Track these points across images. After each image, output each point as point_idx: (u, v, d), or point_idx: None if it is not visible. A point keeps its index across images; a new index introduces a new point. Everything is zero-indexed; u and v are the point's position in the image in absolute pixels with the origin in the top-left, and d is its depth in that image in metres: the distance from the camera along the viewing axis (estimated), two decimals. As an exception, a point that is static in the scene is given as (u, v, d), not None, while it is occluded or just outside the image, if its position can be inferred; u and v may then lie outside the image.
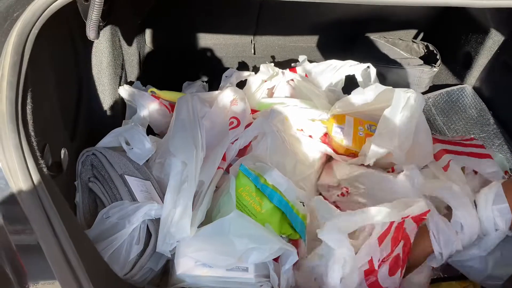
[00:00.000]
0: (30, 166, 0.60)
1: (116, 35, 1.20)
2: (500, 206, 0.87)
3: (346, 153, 1.19)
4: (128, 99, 1.24)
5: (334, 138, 1.17)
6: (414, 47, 1.69)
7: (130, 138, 1.05)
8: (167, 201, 0.91)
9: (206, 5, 1.49)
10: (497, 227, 0.88)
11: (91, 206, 0.97)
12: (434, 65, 1.58)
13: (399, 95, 1.08)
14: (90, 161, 0.98)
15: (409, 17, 1.68)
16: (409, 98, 1.07)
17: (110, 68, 1.16)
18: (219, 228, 0.86)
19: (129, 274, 0.86)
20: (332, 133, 1.17)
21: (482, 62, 1.54)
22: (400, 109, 1.07)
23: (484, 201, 0.89)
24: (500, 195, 0.88)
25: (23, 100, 0.62)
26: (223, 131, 1.10)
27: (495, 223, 0.88)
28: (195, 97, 1.11)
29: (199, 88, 1.47)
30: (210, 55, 1.70)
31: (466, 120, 1.51)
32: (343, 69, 1.37)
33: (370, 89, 1.13)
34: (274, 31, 1.68)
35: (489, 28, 1.47)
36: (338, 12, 1.58)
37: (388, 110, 1.08)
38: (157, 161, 1.08)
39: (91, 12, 0.66)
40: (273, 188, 0.96)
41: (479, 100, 1.55)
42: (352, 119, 1.21)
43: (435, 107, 1.56)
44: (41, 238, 0.62)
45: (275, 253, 0.86)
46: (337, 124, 1.19)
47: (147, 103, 1.22)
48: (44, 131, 0.72)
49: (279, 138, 1.12)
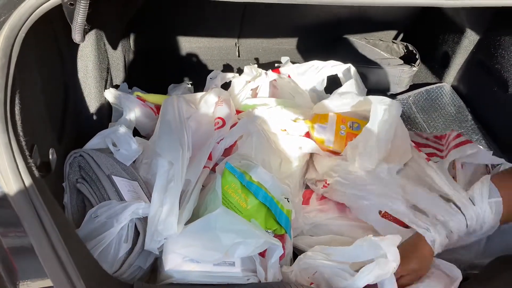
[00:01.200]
0: (20, 165, 0.62)
1: (101, 39, 1.22)
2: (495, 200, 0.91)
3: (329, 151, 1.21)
4: (114, 102, 1.25)
5: (316, 139, 1.19)
6: (394, 47, 1.74)
7: (117, 139, 1.07)
8: (154, 200, 0.92)
9: (190, 9, 1.51)
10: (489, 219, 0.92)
11: (80, 207, 0.98)
12: (413, 64, 1.63)
13: (376, 109, 1.09)
14: (77, 162, 1.00)
15: (389, 18, 1.73)
16: (385, 110, 1.08)
17: (95, 71, 1.18)
18: (205, 224, 0.88)
19: (118, 272, 0.88)
20: (314, 133, 1.20)
21: (459, 61, 1.59)
22: (378, 123, 1.08)
23: (480, 196, 0.93)
24: (494, 190, 0.92)
25: (11, 101, 0.63)
26: (209, 131, 1.12)
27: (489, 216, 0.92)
28: (180, 99, 1.13)
29: (185, 90, 1.49)
30: (195, 58, 1.72)
31: (445, 117, 1.56)
32: (325, 69, 1.41)
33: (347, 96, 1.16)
34: (258, 34, 1.71)
35: (464, 28, 1.52)
36: (320, 14, 1.61)
37: (367, 126, 1.09)
38: (144, 162, 1.10)
39: (77, 16, 0.67)
40: (258, 184, 0.99)
41: (457, 97, 1.60)
42: (335, 117, 1.23)
43: (415, 105, 1.61)
44: (32, 236, 0.63)
45: (260, 247, 0.88)
46: (319, 124, 1.21)
47: (133, 106, 1.24)
48: (32, 132, 0.73)
49: (264, 137, 1.15)
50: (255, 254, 0.91)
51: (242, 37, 1.70)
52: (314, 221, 1.10)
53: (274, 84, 1.38)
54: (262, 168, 1.01)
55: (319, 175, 1.17)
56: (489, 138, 1.47)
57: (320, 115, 1.23)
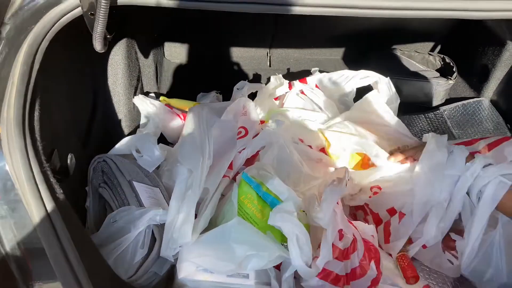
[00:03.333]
0: (35, 170, 0.64)
1: (132, 47, 1.25)
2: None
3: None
4: (142, 109, 1.28)
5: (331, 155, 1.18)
6: (430, 59, 1.68)
7: (141, 146, 1.09)
8: (171, 207, 0.93)
9: (223, 19, 1.53)
10: None
11: (101, 211, 1.00)
12: (450, 77, 1.57)
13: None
14: (100, 167, 1.02)
15: (425, 29, 1.68)
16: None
17: (125, 79, 1.21)
18: (220, 235, 0.88)
19: (134, 277, 0.89)
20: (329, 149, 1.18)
21: (499, 75, 1.52)
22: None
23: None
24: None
25: (30, 107, 0.65)
26: (231, 140, 1.12)
27: None
28: (205, 107, 1.14)
29: (213, 99, 1.50)
30: (226, 67, 1.73)
31: (482, 133, 1.48)
32: (354, 79, 1.37)
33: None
34: (290, 44, 1.70)
35: (505, 40, 1.45)
36: (353, 24, 1.59)
37: None
38: (166, 169, 1.11)
39: (97, 25, 0.69)
40: (275, 196, 0.97)
41: (497, 113, 1.52)
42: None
43: (450, 119, 1.54)
44: (44, 240, 0.65)
45: (274, 260, 0.86)
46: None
47: (160, 113, 1.26)
48: (52, 137, 0.75)
49: (285, 148, 1.13)
50: (270, 267, 0.89)
51: (273, 47, 1.70)
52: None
53: (300, 96, 1.36)
54: (279, 180, 0.99)
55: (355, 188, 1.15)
56: (530, 156, 1.38)
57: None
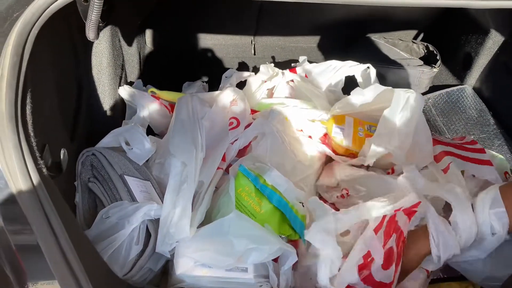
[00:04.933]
0: (30, 167, 0.60)
1: (116, 35, 1.20)
2: (497, 210, 0.87)
3: (346, 153, 1.19)
4: (128, 100, 1.24)
5: (334, 139, 1.17)
6: (414, 47, 1.69)
7: (130, 138, 1.06)
8: (166, 202, 0.91)
9: (206, 6, 1.50)
10: (494, 230, 0.87)
11: (91, 206, 0.97)
12: (434, 65, 1.58)
13: (399, 95, 1.07)
14: (90, 161, 0.99)
15: (409, 17, 1.68)
16: (408, 98, 1.07)
17: (110, 68, 1.16)
18: (218, 229, 0.87)
19: (129, 274, 0.87)
20: (332, 133, 1.17)
21: (482, 63, 1.54)
22: (400, 109, 1.07)
23: (482, 205, 0.88)
24: (497, 199, 0.87)
25: (22, 101, 0.62)
26: (223, 131, 1.10)
27: (492, 227, 0.88)
28: (195, 97, 1.11)
29: (199, 88, 1.48)
30: (210, 56, 1.70)
31: (466, 120, 1.51)
32: (343, 69, 1.37)
33: (369, 89, 1.13)
34: (274, 31, 1.68)
35: (489, 28, 1.47)
36: (338, 12, 1.58)
37: (387, 110, 1.08)
38: (157, 162, 1.08)
39: (91, 13, 0.66)
40: (272, 188, 0.96)
41: (479, 100, 1.55)
42: (352, 120, 1.21)
43: (435, 107, 1.56)
44: (40, 238, 0.62)
45: (274, 253, 0.86)
46: (336, 125, 1.18)
47: (147, 104, 1.23)
48: (44, 132, 0.72)
49: (278, 138, 1.12)
50: (269, 260, 0.89)
51: (258, 35, 1.67)
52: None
53: (290, 84, 1.35)
54: (276, 171, 0.98)
55: (333, 182, 1.14)
56: (512, 143, 1.42)
57: (337, 117, 1.20)
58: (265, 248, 0.84)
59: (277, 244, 0.85)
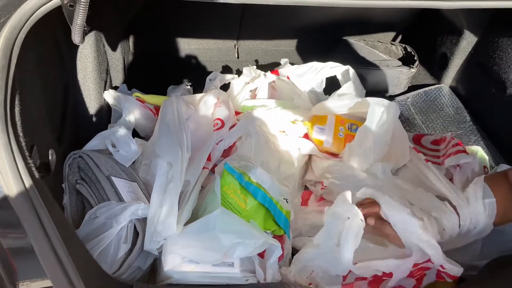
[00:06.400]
0: (20, 166, 0.62)
1: (100, 40, 1.22)
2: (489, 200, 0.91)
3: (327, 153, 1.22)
4: (113, 104, 1.26)
5: (314, 139, 1.20)
6: (392, 49, 1.74)
7: (116, 140, 1.07)
8: (153, 201, 0.92)
9: (189, 11, 1.52)
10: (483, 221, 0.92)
11: (79, 208, 0.98)
12: (412, 66, 1.63)
13: (373, 111, 1.08)
14: (77, 163, 1.00)
15: (386, 20, 1.73)
16: (382, 112, 1.08)
17: (95, 73, 1.18)
18: (205, 225, 0.88)
19: (118, 273, 0.88)
20: (313, 134, 1.20)
21: (458, 63, 1.60)
22: (375, 124, 1.08)
23: (474, 196, 0.92)
24: (487, 190, 0.92)
25: (11, 102, 0.63)
26: (208, 132, 1.12)
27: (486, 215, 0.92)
28: (179, 100, 1.13)
29: (184, 91, 1.49)
30: (194, 60, 1.73)
31: (444, 118, 1.56)
32: (323, 70, 1.41)
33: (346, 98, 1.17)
34: (257, 35, 1.71)
35: (463, 29, 1.53)
36: (319, 16, 1.62)
37: (362, 128, 1.09)
38: (143, 163, 1.10)
39: (76, 17, 0.68)
40: (257, 185, 0.99)
41: (456, 98, 1.60)
42: (333, 119, 1.24)
43: (413, 106, 1.61)
44: (32, 237, 0.63)
45: (259, 247, 0.88)
46: (317, 125, 1.21)
47: (132, 107, 1.24)
48: (32, 133, 0.73)
49: (263, 138, 1.15)
50: (254, 255, 0.91)
51: (241, 39, 1.71)
52: (313, 222, 1.10)
53: (273, 85, 1.38)
54: (261, 169, 1.01)
55: (317, 176, 1.17)
56: (488, 139, 1.47)
57: (319, 117, 1.24)
58: (250, 242, 0.86)
59: (261, 238, 0.87)
